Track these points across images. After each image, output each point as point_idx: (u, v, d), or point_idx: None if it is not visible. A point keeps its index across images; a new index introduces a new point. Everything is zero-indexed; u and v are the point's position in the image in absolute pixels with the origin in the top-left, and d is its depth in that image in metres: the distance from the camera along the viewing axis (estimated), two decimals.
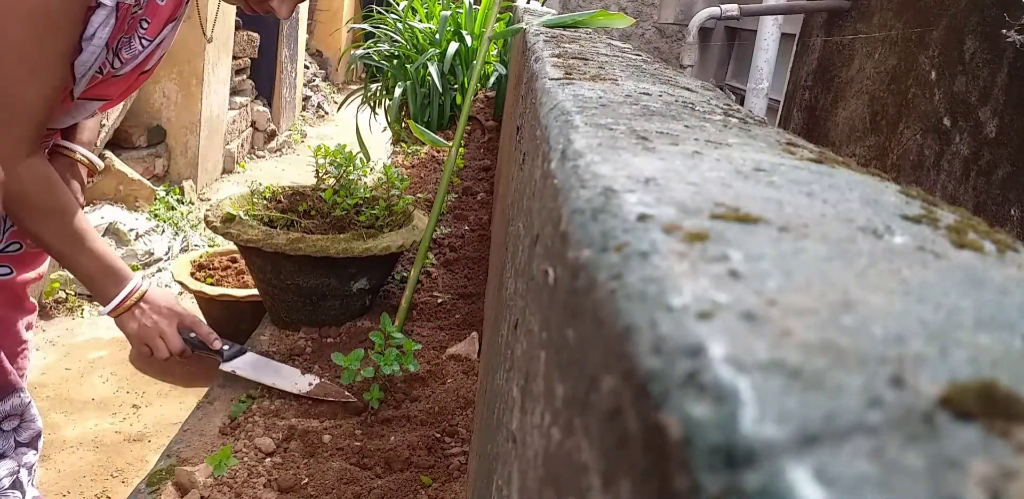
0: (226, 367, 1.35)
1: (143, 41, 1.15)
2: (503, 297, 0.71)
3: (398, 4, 3.68)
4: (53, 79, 1.05)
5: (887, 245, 0.26)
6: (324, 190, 1.65)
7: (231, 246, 2.70)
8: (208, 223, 1.57)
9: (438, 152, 2.93)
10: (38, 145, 1.14)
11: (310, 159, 1.68)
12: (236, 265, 2.68)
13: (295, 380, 1.34)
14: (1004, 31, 1.84)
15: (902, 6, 2.44)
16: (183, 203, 4.62)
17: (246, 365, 1.35)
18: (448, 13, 3.34)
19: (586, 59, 0.79)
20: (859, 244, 0.26)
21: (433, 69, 3.16)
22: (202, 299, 3.03)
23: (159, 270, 3.90)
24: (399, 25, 3.53)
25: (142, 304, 1.26)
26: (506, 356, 0.56)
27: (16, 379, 1.39)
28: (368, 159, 1.82)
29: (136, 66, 1.20)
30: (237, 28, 5.71)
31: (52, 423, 2.54)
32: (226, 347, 1.35)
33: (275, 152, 6.92)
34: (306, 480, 1.11)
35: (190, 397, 2.59)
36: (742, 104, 3.06)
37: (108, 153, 4.20)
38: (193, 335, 1.32)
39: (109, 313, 1.25)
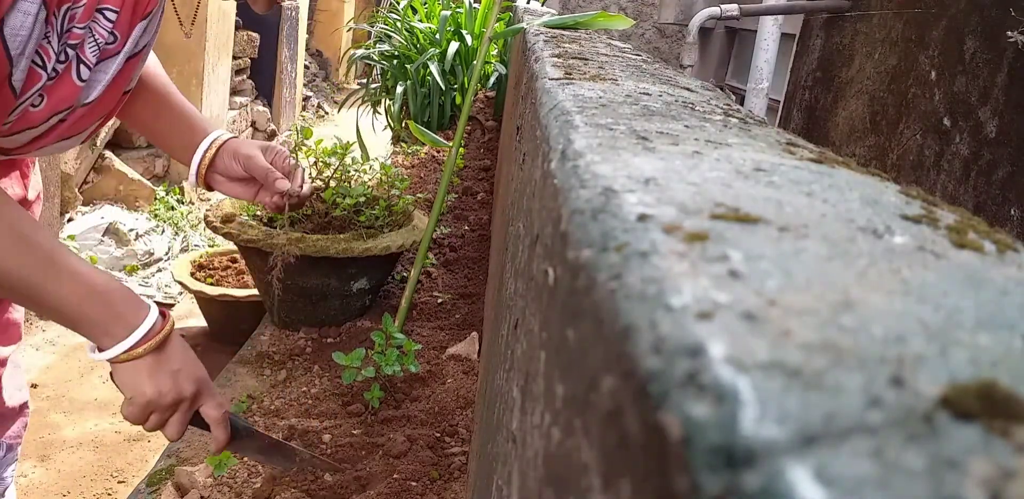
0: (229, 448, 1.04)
1: (111, 36, 0.86)
2: (503, 297, 0.71)
3: (398, 4, 3.68)
4: None
5: (887, 245, 0.26)
6: (324, 190, 1.65)
7: (231, 246, 2.70)
8: (208, 223, 1.57)
9: (438, 152, 2.93)
10: None
11: (311, 159, 1.68)
12: (236, 265, 2.69)
13: (310, 466, 1.10)
14: (1008, 33, 1.84)
15: (902, 6, 2.44)
16: (183, 203, 4.62)
17: (249, 448, 1.05)
18: (448, 13, 3.34)
19: (586, 59, 0.79)
20: (859, 244, 0.26)
21: (433, 69, 3.16)
22: (202, 299, 3.02)
23: (159, 270, 3.90)
24: (399, 25, 3.53)
25: (167, 350, 0.87)
26: (506, 356, 0.56)
27: None
28: (367, 158, 1.82)
29: (114, 82, 0.90)
30: (237, 28, 5.71)
31: (52, 423, 2.54)
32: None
33: None
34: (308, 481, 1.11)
35: None
36: (742, 104, 3.07)
37: (108, 153, 4.20)
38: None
39: (115, 358, 0.84)
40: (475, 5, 3.39)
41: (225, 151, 1.07)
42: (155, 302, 3.73)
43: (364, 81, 3.86)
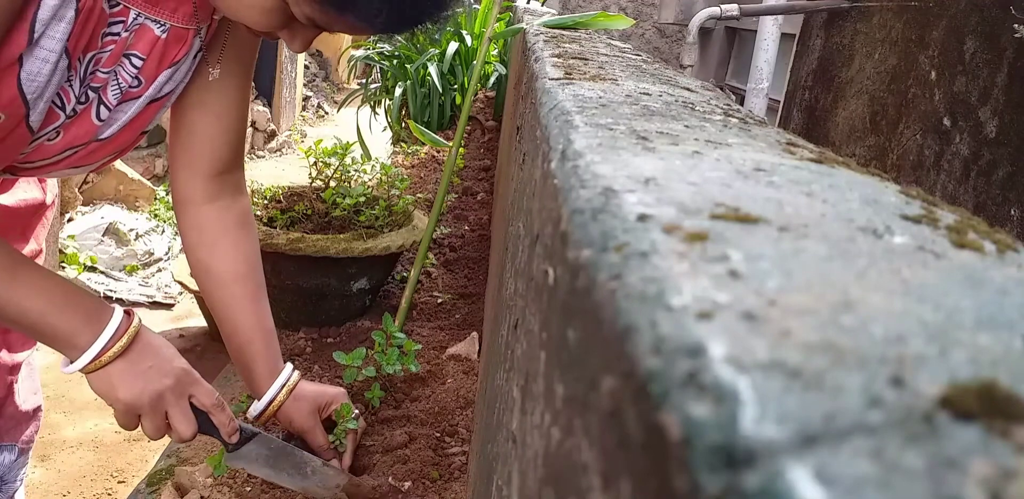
0: (234, 462, 1.02)
1: (135, 80, 0.86)
2: (503, 297, 0.71)
3: None
4: None
5: (887, 245, 0.26)
6: (324, 190, 1.65)
7: None
8: None
9: (438, 152, 2.93)
10: None
11: (311, 159, 1.68)
12: None
13: (320, 480, 1.06)
14: (1016, 25, 1.84)
15: (902, 6, 2.44)
16: None
17: (260, 457, 1.03)
18: None
19: (586, 59, 0.79)
20: (859, 244, 0.26)
21: (433, 69, 3.16)
22: (202, 299, 3.02)
23: (159, 270, 3.90)
24: None
25: (134, 350, 0.85)
26: (506, 356, 0.56)
27: None
28: (369, 158, 1.82)
29: (132, 123, 0.90)
30: None
31: (52, 423, 2.54)
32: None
33: (275, 152, 6.92)
34: None
35: None
36: (742, 104, 3.06)
37: None
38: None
39: (83, 368, 0.83)
40: (475, 5, 3.39)
41: (283, 414, 1.07)
42: (153, 302, 3.68)
43: (364, 81, 3.86)
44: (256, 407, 1.07)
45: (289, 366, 1.09)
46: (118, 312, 0.85)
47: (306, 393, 1.09)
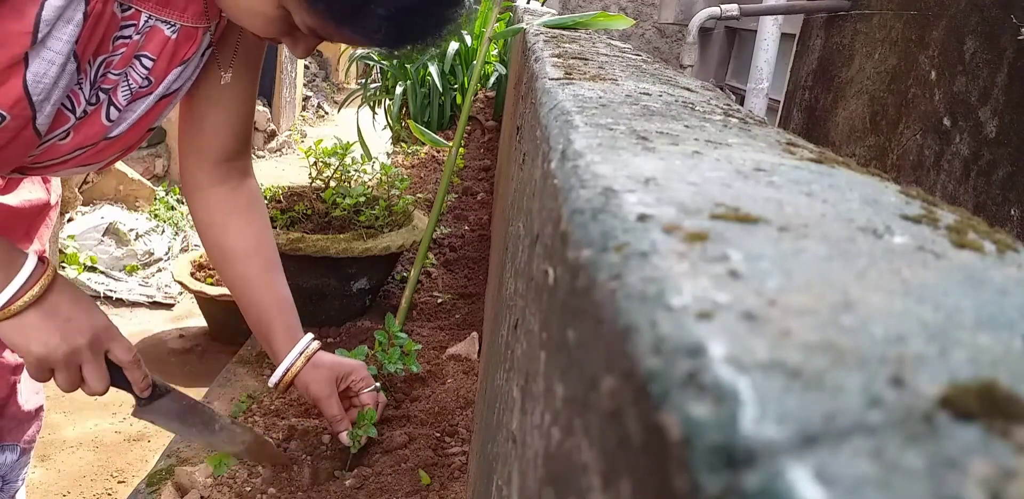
0: (145, 416, 1.00)
1: (145, 80, 0.87)
2: (503, 297, 0.71)
3: None
4: None
5: (887, 245, 0.26)
6: (324, 190, 1.65)
7: None
8: None
9: (438, 152, 2.93)
10: None
11: (311, 159, 1.68)
12: None
13: (228, 436, 1.08)
14: (1022, 28, 1.84)
15: (902, 6, 2.44)
16: (183, 203, 4.62)
17: (170, 412, 1.02)
18: None
19: (586, 59, 0.79)
20: (859, 244, 0.26)
21: (433, 69, 3.16)
22: (202, 299, 3.03)
23: (159, 270, 3.90)
24: None
25: (50, 300, 0.81)
26: (506, 356, 0.56)
27: None
28: (369, 158, 1.82)
29: (141, 120, 0.90)
30: None
31: (52, 423, 2.54)
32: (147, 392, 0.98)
33: (275, 152, 6.92)
34: (307, 481, 1.11)
35: None
36: (742, 104, 3.06)
37: None
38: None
39: None
40: (475, 5, 3.39)
41: (301, 381, 1.07)
42: (153, 302, 3.66)
43: (364, 81, 3.86)
44: (275, 374, 1.08)
45: (309, 335, 1.10)
46: (32, 258, 0.80)
47: (324, 362, 1.10)
